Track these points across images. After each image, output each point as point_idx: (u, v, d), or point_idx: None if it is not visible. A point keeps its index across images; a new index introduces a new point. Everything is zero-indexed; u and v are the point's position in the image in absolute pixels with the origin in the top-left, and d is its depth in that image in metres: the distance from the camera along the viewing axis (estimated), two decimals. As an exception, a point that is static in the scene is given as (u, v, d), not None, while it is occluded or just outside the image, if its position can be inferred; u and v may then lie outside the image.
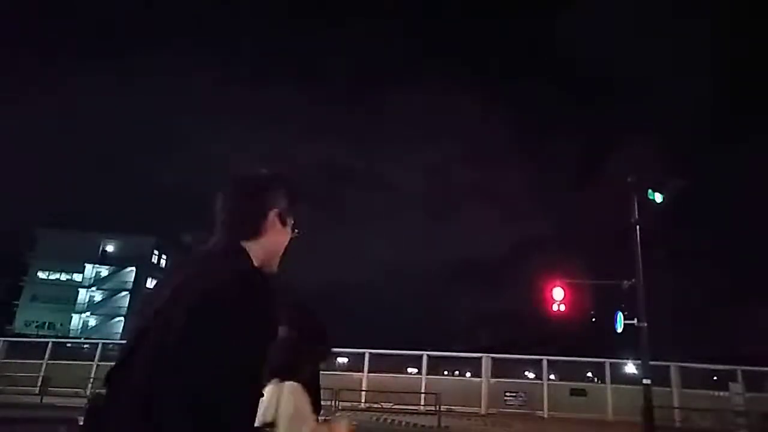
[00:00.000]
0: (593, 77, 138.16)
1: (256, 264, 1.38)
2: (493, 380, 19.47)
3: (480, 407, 18.66)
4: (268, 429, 2.35)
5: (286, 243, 1.53)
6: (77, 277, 54.04)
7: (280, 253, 1.52)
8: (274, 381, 2.58)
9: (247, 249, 1.40)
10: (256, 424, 1.75)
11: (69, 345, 28.85)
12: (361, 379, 19.63)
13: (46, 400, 17.37)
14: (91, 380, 19.49)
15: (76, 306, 52.88)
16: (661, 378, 16.51)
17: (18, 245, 52.64)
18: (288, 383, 2.51)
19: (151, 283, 55.05)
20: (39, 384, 19.60)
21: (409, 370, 21.42)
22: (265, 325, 1.26)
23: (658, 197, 13.45)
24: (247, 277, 1.29)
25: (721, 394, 17.33)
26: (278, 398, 2.41)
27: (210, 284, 1.23)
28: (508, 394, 19.12)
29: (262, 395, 1.47)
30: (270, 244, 1.46)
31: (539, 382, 19.56)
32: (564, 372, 20.71)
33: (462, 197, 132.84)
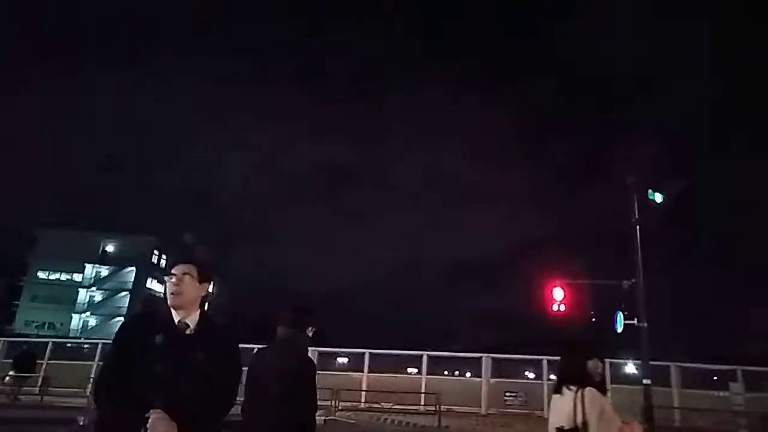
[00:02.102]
0: (593, 77, 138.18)
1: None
2: (493, 380, 19.43)
3: (480, 407, 18.62)
4: (581, 429, 2.62)
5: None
6: (77, 277, 54.00)
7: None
8: (569, 388, 2.73)
9: None
10: (566, 426, 2.74)
11: (69, 345, 28.75)
12: (361, 379, 19.57)
13: (46, 400, 17.35)
14: (91, 380, 19.43)
15: (76, 306, 52.85)
16: (661, 378, 16.46)
17: (18, 245, 52.64)
18: (588, 389, 2.69)
19: (151, 283, 55.04)
20: (39, 384, 19.55)
21: (409, 370, 21.36)
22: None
23: (658, 197, 13.40)
24: None
25: (721, 394, 17.28)
26: (582, 404, 2.63)
27: None
28: (508, 394, 19.07)
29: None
30: None
31: (539, 382, 19.50)
32: (564, 372, 20.63)
33: (462, 197, 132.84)
